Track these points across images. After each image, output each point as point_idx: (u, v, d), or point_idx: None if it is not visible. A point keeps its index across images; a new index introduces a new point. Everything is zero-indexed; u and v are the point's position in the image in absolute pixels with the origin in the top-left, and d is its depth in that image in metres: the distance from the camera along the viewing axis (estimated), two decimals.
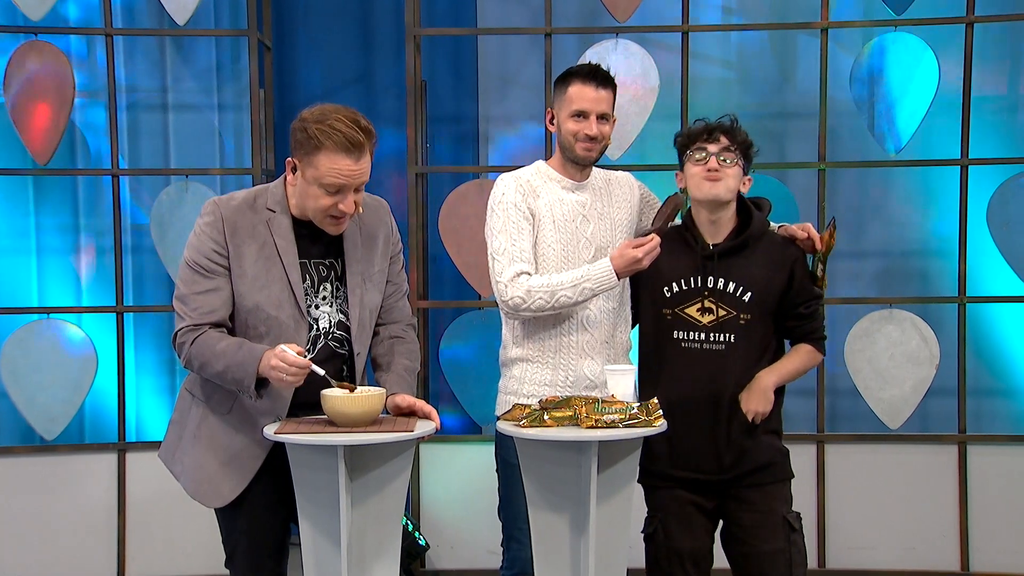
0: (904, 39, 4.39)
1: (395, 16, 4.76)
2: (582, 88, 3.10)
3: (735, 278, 3.04)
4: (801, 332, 3.13)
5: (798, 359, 3.12)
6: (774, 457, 3.09)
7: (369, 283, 2.85)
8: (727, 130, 3.05)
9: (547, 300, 3.01)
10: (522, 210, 3.09)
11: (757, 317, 3.04)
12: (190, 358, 2.71)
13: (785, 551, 3.06)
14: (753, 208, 3.11)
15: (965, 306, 4.40)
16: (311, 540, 2.69)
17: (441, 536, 4.46)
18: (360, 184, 2.69)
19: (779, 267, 3.07)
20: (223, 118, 4.78)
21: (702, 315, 3.05)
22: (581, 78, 3.11)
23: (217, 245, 2.73)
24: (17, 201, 4.68)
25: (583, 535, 2.74)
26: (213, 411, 2.81)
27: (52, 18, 4.49)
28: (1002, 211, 4.45)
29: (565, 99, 3.12)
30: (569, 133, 3.10)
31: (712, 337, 3.04)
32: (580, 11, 4.74)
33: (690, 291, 3.06)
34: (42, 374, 4.42)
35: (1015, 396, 4.65)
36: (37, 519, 4.43)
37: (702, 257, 3.05)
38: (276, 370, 2.58)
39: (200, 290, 2.72)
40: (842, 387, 4.55)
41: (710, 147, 3.02)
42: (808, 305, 3.10)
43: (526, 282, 3.03)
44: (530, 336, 3.13)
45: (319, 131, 2.63)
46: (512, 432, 2.74)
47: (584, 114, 3.09)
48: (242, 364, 2.63)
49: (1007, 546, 4.39)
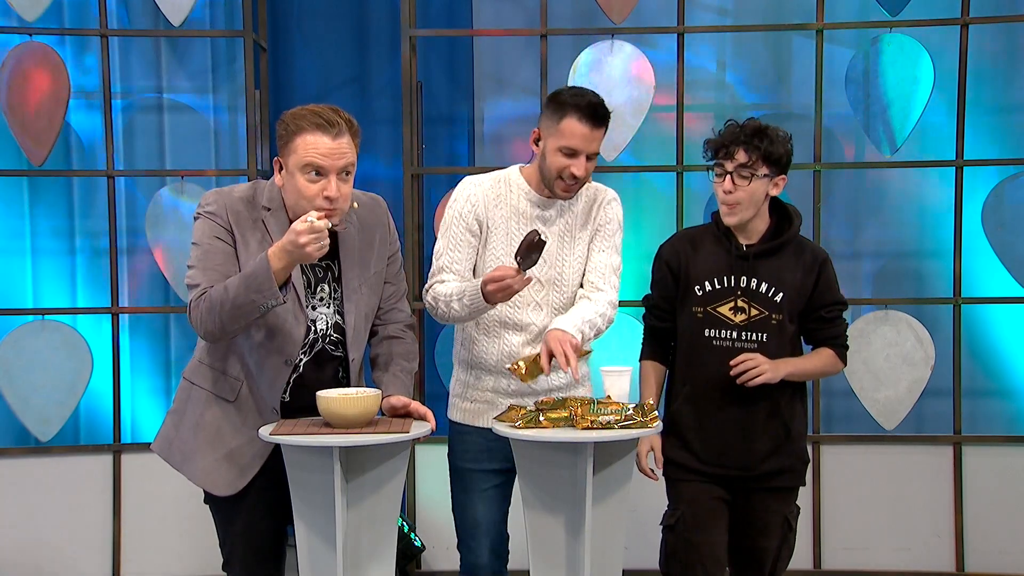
0: (899, 40, 4.40)
1: (391, 17, 4.76)
2: (577, 125, 2.89)
3: (767, 279, 3.05)
4: (822, 336, 3.13)
5: (818, 359, 3.13)
6: (795, 464, 3.13)
7: (365, 286, 2.85)
8: (746, 142, 2.98)
9: (445, 309, 2.96)
10: (466, 222, 3.02)
11: (788, 318, 3.06)
12: (205, 315, 2.64)
13: (778, 547, 3.13)
14: (792, 212, 3.11)
15: (960, 307, 4.41)
16: (307, 541, 2.69)
17: (437, 537, 4.45)
18: (343, 166, 2.67)
19: (809, 269, 3.08)
20: (218, 119, 4.78)
21: (735, 314, 3.06)
22: (578, 114, 2.89)
23: (224, 229, 2.73)
24: (12, 202, 4.67)
25: (579, 536, 2.73)
26: (216, 399, 2.80)
27: (47, 19, 4.49)
28: (997, 212, 4.46)
29: (557, 131, 2.91)
30: (554, 168, 2.93)
31: (744, 336, 3.05)
32: (575, 12, 4.74)
33: (723, 290, 3.06)
34: (37, 375, 4.41)
35: (1010, 397, 4.66)
36: (32, 521, 4.42)
37: (736, 257, 3.06)
38: (302, 233, 2.52)
39: (213, 263, 2.71)
40: (837, 388, 4.55)
41: (727, 165, 3.01)
42: (830, 310, 3.11)
43: (436, 288, 3.00)
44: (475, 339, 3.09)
45: (294, 118, 2.68)
46: (508, 433, 2.73)
47: (574, 153, 2.91)
48: (254, 272, 2.58)
49: (1002, 547, 4.40)
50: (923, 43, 4.38)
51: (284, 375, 2.76)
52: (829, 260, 3.14)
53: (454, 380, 3.18)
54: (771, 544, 3.11)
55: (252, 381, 2.78)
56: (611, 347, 4.41)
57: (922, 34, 4.39)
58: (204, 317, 2.65)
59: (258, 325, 2.71)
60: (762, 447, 3.07)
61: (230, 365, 2.79)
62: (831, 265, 3.13)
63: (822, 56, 4.39)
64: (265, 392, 2.77)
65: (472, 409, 3.09)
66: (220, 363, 2.80)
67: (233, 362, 2.79)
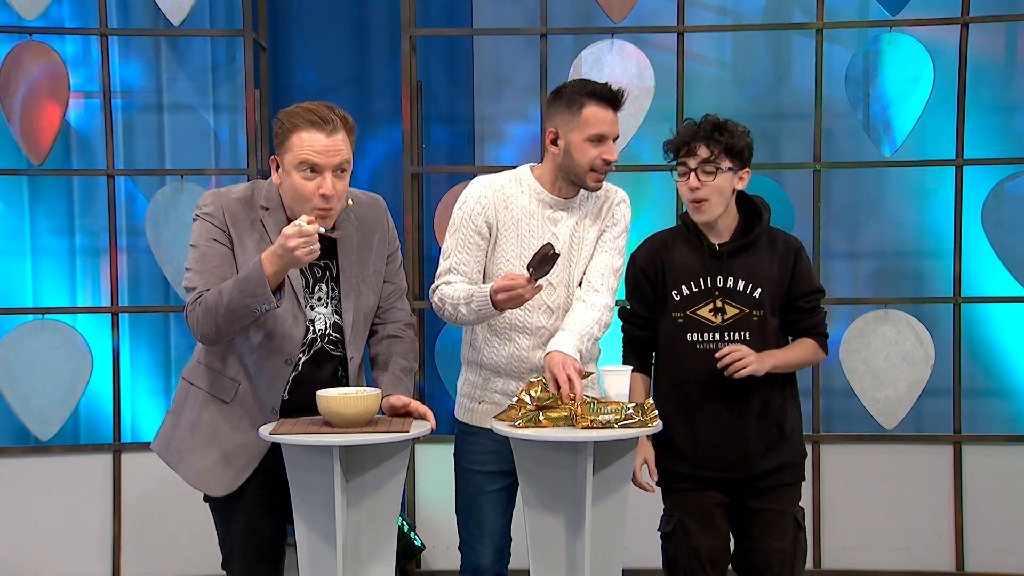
0: (899, 40, 4.40)
1: (391, 16, 4.76)
2: (601, 111, 2.90)
3: (743, 275, 3.03)
4: (801, 327, 3.11)
5: (800, 350, 3.10)
6: (794, 458, 3.11)
7: (364, 286, 2.84)
8: (706, 137, 2.98)
9: (452, 311, 2.95)
10: (476, 224, 2.99)
11: (769, 312, 3.04)
12: (201, 318, 2.65)
13: (791, 549, 3.09)
14: (760, 205, 3.09)
15: (960, 306, 4.41)
16: (307, 541, 2.69)
17: (437, 536, 4.45)
18: (338, 163, 2.67)
19: (784, 260, 3.06)
20: (218, 118, 4.77)
21: (715, 315, 3.04)
22: (599, 100, 2.90)
23: (221, 231, 2.74)
24: (12, 201, 4.67)
25: (579, 536, 2.73)
26: (213, 400, 2.80)
27: (47, 18, 4.49)
28: (997, 211, 4.46)
29: (581, 122, 2.90)
30: (585, 160, 2.91)
31: (727, 336, 3.03)
32: (575, 12, 4.74)
33: (700, 292, 3.05)
34: (37, 374, 4.41)
35: (1010, 396, 4.66)
36: (32, 520, 4.42)
37: (710, 257, 3.05)
38: (291, 237, 2.53)
39: (210, 266, 2.71)
40: (837, 387, 4.55)
41: (690, 162, 3.00)
42: (809, 299, 3.09)
43: (443, 289, 2.99)
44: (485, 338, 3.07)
45: (289, 116, 2.69)
46: (508, 432, 2.73)
47: (603, 138, 2.91)
48: (248, 277, 2.59)
49: (1002, 546, 4.40)
50: (923, 42, 4.37)
51: (284, 375, 2.76)
52: (803, 248, 3.11)
53: (462, 380, 3.16)
54: (782, 546, 3.07)
55: (251, 382, 2.78)
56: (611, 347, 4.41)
57: (922, 33, 4.39)
58: (200, 320, 2.66)
59: (257, 326, 2.71)
60: (757, 447, 3.04)
61: (228, 366, 2.79)
62: (805, 253, 3.11)
63: (822, 55, 4.39)
64: (265, 392, 2.77)
65: (480, 411, 3.08)
66: (218, 364, 2.80)
67: (231, 363, 2.79)
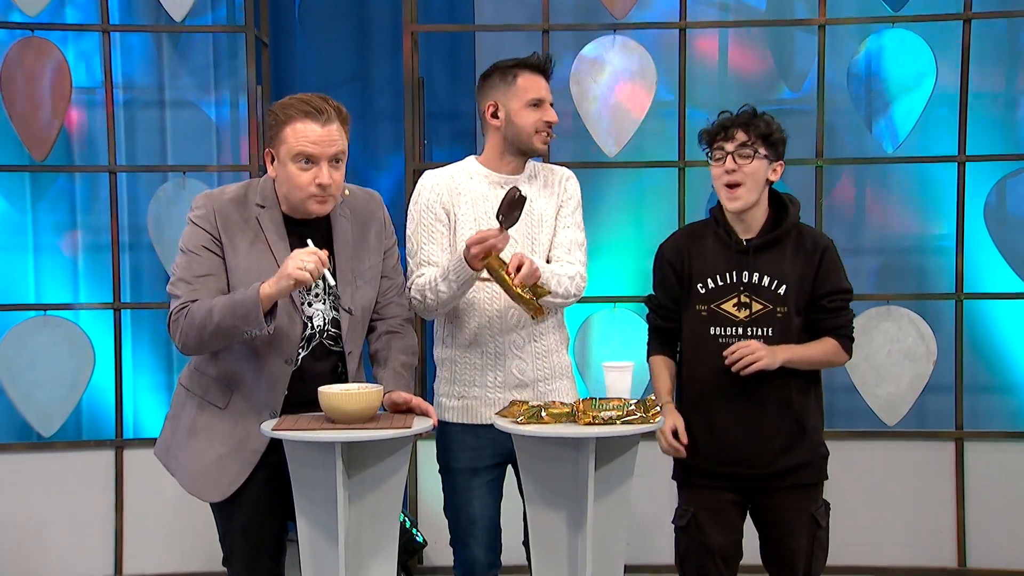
0: (902, 36, 4.39)
1: (392, 12, 4.76)
2: (534, 78, 3.06)
3: (769, 272, 3.02)
4: (825, 327, 3.06)
5: (820, 347, 3.05)
6: (814, 458, 3.09)
7: (360, 280, 2.84)
8: (744, 123, 3.00)
9: (433, 296, 2.96)
10: (435, 212, 3.04)
11: (794, 310, 3.02)
12: (186, 330, 2.67)
13: (809, 547, 3.07)
14: (788, 202, 3.08)
15: (962, 302, 4.40)
16: (308, 537, 2.69)
17: (439, 533, 4.44)
18: (333, 153, 2.68)
19: (809, 256, 3.04)
20: (220, 114, 4.78)
21: (739, 310, 3.03)
22: (529, 68, 3.07)
23: (211, 235, 2.74)
24: (14, 197, 4.68)
25: (580, 532, 2.74)
26: (209, 405, 2.80)
27: (48, 14, 4.48)
28: (999, 208, 4.45)
29: (517, 88, 3.04)
30: (528, 124, 3.04)
31: (750, 332, 3.01)
32: (577, 7, 4.74)
33: (725, 286, 3.04)
34: (39, 371, 4.41)
35: (1012, 392, 4.66)
36: (34, 516, 4.43)
37: (737, 252, 3.04)
38: (295, 259, 2.57)
39: (197, 274, 2.72)
40: (839, 383, 4.55)
41: (727, 146, 3.00)
42: (833, 299, 3.05)
43: (417, 281, 3.00)
44: (455, 335, 3.08)
45: (283, 108, 2.70)
46: (510, 429, 2.73)
47: (541, 102, 3.05)
48: (243, 300, 2.60)
49: (1004, 542, 4.40)
50: (925, 38, 4.37)
51: (285, 375, 2.76)
52: (832, 247, 3.08)
53: (437, 381, 3.16)
54: (799, 544, 3.05)
55: (250, 385, 2.77)
56: (613, 342, 4.42)
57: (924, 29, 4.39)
58: (184, 331, 2.67)
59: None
60: (776, 444, 3.02)
61: (225, 371, 2.79)
62: (834, 252, 3.07)
63: (824, 51, 4.38)
64: (265, 395, 2.76)
65: (459, 406, 3.08)
66: (214, 369, 2.80)
67: (228, 368, 2.78)
